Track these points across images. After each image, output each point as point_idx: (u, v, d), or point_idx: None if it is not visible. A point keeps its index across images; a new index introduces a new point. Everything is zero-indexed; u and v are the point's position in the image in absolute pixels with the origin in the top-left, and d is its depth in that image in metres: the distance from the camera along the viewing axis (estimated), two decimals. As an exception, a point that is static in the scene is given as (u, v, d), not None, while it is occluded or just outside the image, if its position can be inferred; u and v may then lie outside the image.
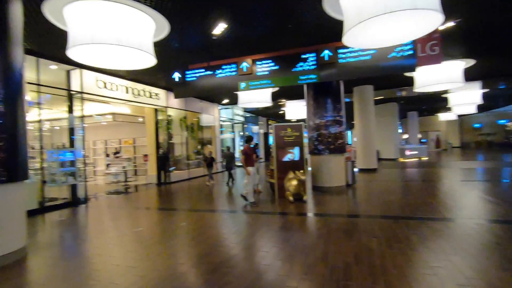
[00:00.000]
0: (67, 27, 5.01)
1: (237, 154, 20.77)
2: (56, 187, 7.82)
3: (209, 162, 11.24)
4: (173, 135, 13.46)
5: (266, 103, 12.10)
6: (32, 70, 7.15)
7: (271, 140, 18.98)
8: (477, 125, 32.22)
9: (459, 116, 29.47)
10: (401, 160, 18.85)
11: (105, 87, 9.07)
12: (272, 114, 23.43)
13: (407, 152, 19.13)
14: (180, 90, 8.09)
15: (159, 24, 5.68)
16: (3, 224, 3.78)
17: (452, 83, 9.61)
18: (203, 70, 7.80)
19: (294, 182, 6.89)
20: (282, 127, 7.57)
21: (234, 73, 7.52)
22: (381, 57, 6.36)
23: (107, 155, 16.08)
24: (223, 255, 3.80)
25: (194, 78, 7.89)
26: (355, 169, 12.66)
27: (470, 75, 10.99)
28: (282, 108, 18.98)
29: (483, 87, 15.16)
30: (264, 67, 7.26)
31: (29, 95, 7.57)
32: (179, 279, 3.20)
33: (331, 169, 8.33)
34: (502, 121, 30.21)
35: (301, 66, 6.95)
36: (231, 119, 18.55)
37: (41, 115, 7.55)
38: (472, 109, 19.34)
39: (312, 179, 8.74)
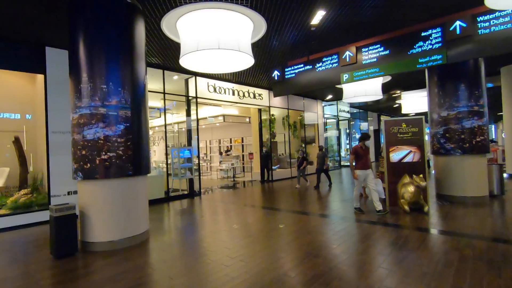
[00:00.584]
0: (180, 39, 5.66)
1: (343, 153, 19.53)
2: (177, 180, 9.16)
3: (300, 162, 10.46)
4: (276, 134, 13.71)
5: (375, 96, 10.72)
6: (159, 81, 8.53)
7: (382, 138, 16.77)
8: None
9: None
10: None
11: (215, 91, 9.97)
12: (385, 108, 20.81)
13: None
14: (279, 88, 8.01)
15: (256, 23, 5.71)
16: (131, 210, 4.53)
17: None
18: (302, 65, 7.46)
19: (411, 189, 5.68)
20: (395, 122, 6.38)
21: (335, 64, 6.85)
22: (552, 18, 4.44)
23: (220, 153, 17.94)
24: (317, 269, 3.38)
25: (293, 75, 7.64)
26: (504, 175, 9.74)
27: None
28: (397, 101, 16.54)
29: None
30: (371, 54, 6.30)
31: (160, 103, 9.10)
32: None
33: (465, 174, 6.50)
34: None
35: (420, 46, 5.64)
36: (336, 115, 17.47)
37: (168, 119, 8.94)
38: None
39: (436, 186, 7.07)
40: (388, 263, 3.44)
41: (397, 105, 17.71)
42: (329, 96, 14.70)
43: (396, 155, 6.34)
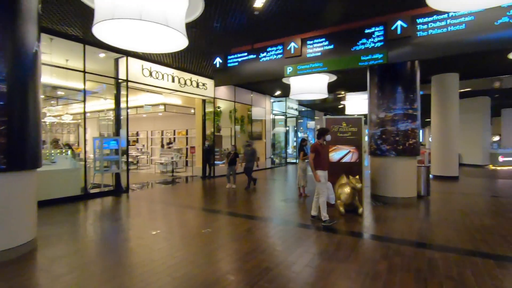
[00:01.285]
0: (93, 2, 4.60)
1: (290, 150, 19.68)
2: (101, 174, 7.91)
3: (232, 159, 8.92)
4: (221, 128, 13.02)
5: (321, 94, 10.69)
6: (78, 58, 7.17)
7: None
8: None
9: None
10: (492, 167, 15.31)
11: (151, 75, 8.86)
12: (331, 108, 21.53)
13: (501, 158, 15.44)
14: (221, 77, 7.34)
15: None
16: (3, 216, 3.44)
17: None
18: (245, 53, 6.89)
19: (347, 190, 5.53)
20: (336, 121, 6.20)
21: (280, 55, 6.41)
22: (483, 26, 4.54)
23: (162, 146, 16.62)
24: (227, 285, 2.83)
25: (236, 63, 7.03)
26: (430, 176, 10.48)
27: None
28: (342, 102, 17.09)
29: None
30: (315, 48, 5.99)
31: (86, 85, 7.65)
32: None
33: (397, 175, 6.65)
34: None
35: (363, 44, 5.48)
36: (284, 112, 17.43)
37: (100, 105, 7.61)
38: None
39: (371, 186, 7.16)
40: (314, 278, 3.05)
41: (342, 105, 18.35)
42: (278, 92, 14.48)
43: (336, 155, 6.17)
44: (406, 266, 3.28)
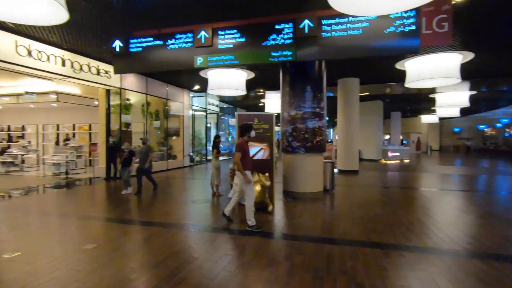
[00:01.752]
0: None
1: (211, 148, 19.21)
2: None
3: (127, 159, 7.47)
4: (130, 123, 11.63)
5: (239, 91, 10.54)
6: None
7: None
8: (456, 129, 32.20)
9: (440, 119, 29.22)
10: (383, 161, 17.91)
11: (30, 55, 7.12)
12: (252, 106, 21.85)
13: (390, 154, 18.21)
14: (121, 63, 6.35)
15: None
16: None
17: (448, 79, 8.44)
18: (151, 39, 6.09)
19: (258, 188, 5.40)
20: (248, 117, 6.02)
21: (189, 44, 5.86)
22: (375, 33, 4.94)
23: (57, 142, 14.00)
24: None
25: (139, 49, 6.17)
26: (335, 171, 11.43)
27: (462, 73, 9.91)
28: (262, 100, 17.47)
29: (471, 89, 14.33)
30: (227, 39, 5.66)
31: None
32: None
33: (306, 172, 6.91)
34: (481, 127, 30.25)
35: (273, 39, 5.40)
36: (205, 108, 16.82)
37: None
38: (456, 112, 18.71)
39: (283, 183, 7.29)
40: (209, 283, 2.70)
41: (262, 103, 18.78)
42: (197, 86, 13.79)
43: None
44: (306, 265, 3.23)
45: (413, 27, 4.76)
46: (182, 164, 13.98)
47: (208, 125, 19.42)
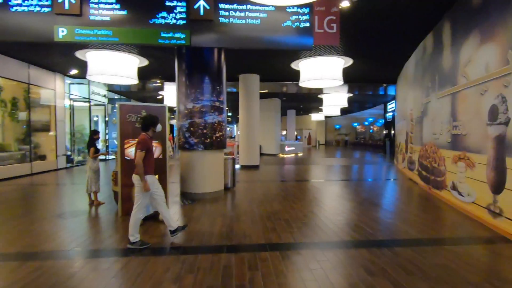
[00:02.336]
0: None
1: (100, 146, 16.35)
2: None
3: None
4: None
5: (129, 79, 9.09)
6: None
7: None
8: (337, 126, 37.86)
9: (326, 117, 33.69)
10: (281, 155, 19.17)
11: None
12: (150, 98, 19.77)
13: (286, 148, 19.63)
14: None
15: None
16: None
17: (334, 81, 9.40)
18: (-18, -7, 4.32)
19: (146, 193, 4.53)
20: (133, 108, 5.01)
21: (46, 8, 4.42)
22: (273, 25, 4.79)
23: None
24: None
25: (-39, 5, 4.29)
26: (237, 167, 11.35)
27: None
28: (160, 92, 15.92)
29: (348, 91, 16.77)
30: (102, 9, 4.51)
31: None
32: None
33: (206, 170, 6.38)
34: (355, 124, 36.49)
35: (163, 17, 4.60)
36: (88, 98, 14.11)
37: None
38: (337, 112, 21.73)
39: (181, 184, 6.56)
40: None
41: (160, 96, 17.18)
42: (74, 71, 11.29)
43: (133, 151, 5.00)
44: (197, 287, 2.69)
45: (307, 24, 4.83)
46: (55, 166, 11.28)
47: (95, 118, 16.51)
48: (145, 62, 9.53)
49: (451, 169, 5.66)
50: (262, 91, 15.87)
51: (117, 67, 8.42)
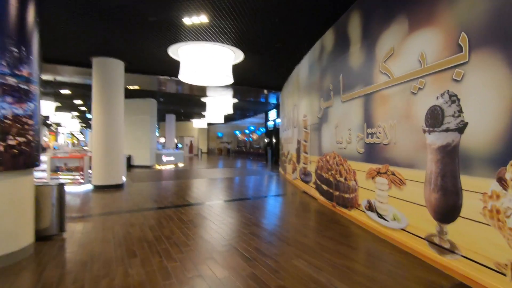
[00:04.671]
0: None
1: None
2: None
3: None
4: None
5: None
6: None
7: None
8: (220, 134, 37.10)
9: (208, 124, 32.25)
10: (158, 167, 16.01)
11: None
12: None
13: (164, 158, 16.63)
14: None
15: None
16: None
17: (222, 76, 7.60)
18: None
19: None
20: None
21: None
22: None
23: None
24: None
25: None
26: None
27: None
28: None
29: (233, 96, 15.63)
30: None
31: None
32: None
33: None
34: (236, 132, 36.65)
35: None
36: None
37: None
38: (221, 119, 20.46)
39: None
40: None
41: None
42: None
43: None
44: None
45: None
46: None
47: None
48: None
49: (366, 185, 4.71)
50: (131, 87, 12.54)
51: None
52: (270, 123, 21.23)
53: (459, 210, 2.95)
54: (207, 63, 7.23)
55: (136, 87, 12.81)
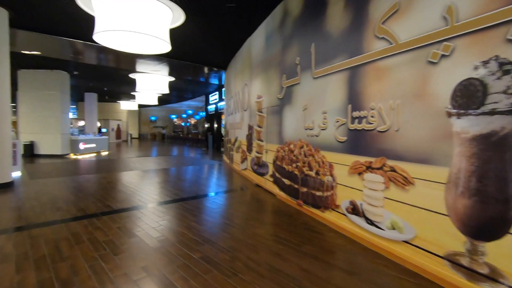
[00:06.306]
0: None
1: None
2: None
3: None
4: None
5: None
6: None
7: None
8: (153, 118, 33.63)
9: (140, 106, 28.73)
10: (73, 156, 13.04)
11: None
12: None
13: (82, 146, 13.67)
14: None
15: None
16: None
17: (155, 40, 5.77)
18: None
19: None
20: None
21: None
22: None
23: None
24: None
25: None
26: None
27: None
28: None
29: (169, 74, 13.54)
30: None
31: None
32: None
33: None
34: (172, 116, 33.68)
35: None
36: None
37: None
38: (154, 101, 18.00)
39: None
40: None
41: None
42: None
43: None
44: None
45: None
46: None
47: None
48: None
49: (349, 183, 3.77)
50: (28, 52, 9.52)
51: None
52: (211, 107, 19.55)
53: (508, 224, 2.13)
54: (134, 20, 5.33)
55: (36, 52, 9.74)
